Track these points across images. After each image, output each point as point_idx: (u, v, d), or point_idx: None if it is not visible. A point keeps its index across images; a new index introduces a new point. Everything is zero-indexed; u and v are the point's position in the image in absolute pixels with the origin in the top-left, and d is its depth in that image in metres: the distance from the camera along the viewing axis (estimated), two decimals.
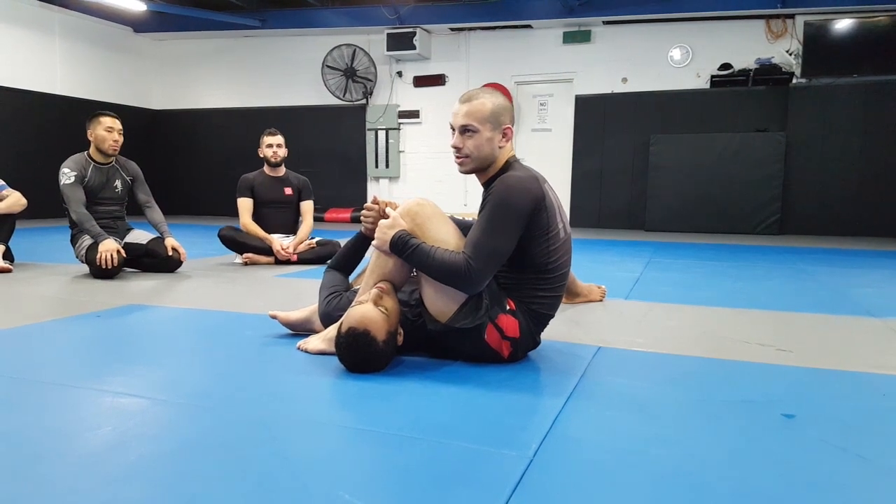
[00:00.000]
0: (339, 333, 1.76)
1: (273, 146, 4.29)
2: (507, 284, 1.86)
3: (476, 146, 1.83)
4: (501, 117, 1.83)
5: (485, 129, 1.81)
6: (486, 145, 1.83)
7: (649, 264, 4.39)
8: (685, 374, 1.81)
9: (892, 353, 2.09)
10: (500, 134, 1.83)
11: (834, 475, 1.17)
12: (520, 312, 1.82)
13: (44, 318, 2.48)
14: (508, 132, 1.85)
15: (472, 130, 1.82)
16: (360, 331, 1.71)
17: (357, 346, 1.72)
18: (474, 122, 1.82)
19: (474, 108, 1.82)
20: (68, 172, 3.55)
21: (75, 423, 1.38)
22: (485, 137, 1.82)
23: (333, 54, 9.07)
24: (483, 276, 1.72)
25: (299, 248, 4.20)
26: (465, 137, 1.84)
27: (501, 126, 1.83)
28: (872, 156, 7.27)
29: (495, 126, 1.82)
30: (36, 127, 8.36)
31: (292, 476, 1.13)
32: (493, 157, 1.85)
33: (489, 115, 1.81)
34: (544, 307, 1.86)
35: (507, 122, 1.84)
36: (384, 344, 1.73)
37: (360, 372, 1.75)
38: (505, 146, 1.86)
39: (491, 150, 1.84)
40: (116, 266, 3.40)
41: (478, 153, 1.84)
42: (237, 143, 9.63)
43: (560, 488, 1.10)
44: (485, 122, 1.81)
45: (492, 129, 1.82)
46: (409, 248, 1.76)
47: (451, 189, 8.77)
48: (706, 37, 7.77)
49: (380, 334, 1.72)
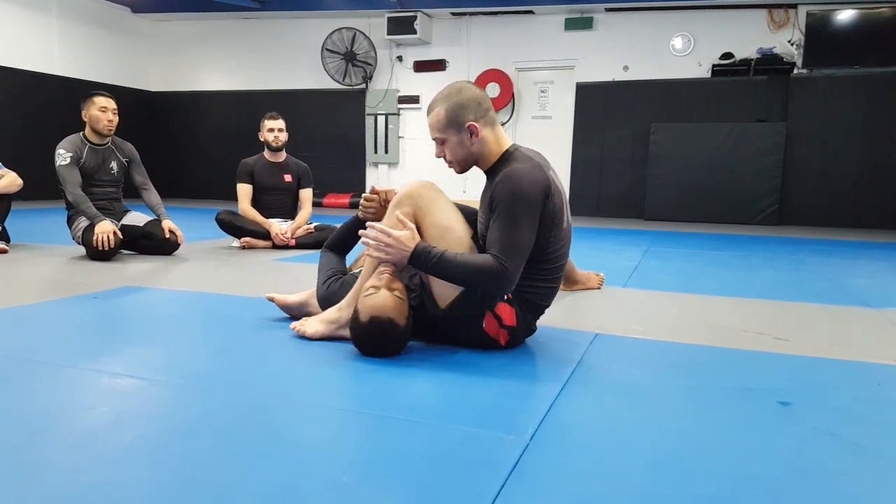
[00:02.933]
0: (358, 323, 1.74)
1: (274, 130, 4.26)
2: None
3: (451, 152, 1.84)
4: (460, 118, 1.78)
5: (450, 136, 1.81)
6: (459, 149, 1.82)
7: (648, 253, 4.39)
8: (682, 362, 1.82)
9: (887, 342, 2.10)
10: (467, 133, 1.79)
11: (829, 462, 1.18)
12: (516, 301, 1.82)
13: (40, 299, 2.47)
14: (473, 128, 1.78)
15: (441, 140, 1.83)
16: (385, 319, 1.70)
17: (381, 333, 1.71)
18: (437, 133, 1.83)
19: (433, 121, 1.83)
20: (63, 154, 3.52)
21: (72, 404, 1.38)
22: (454, 142, 1.82)
23: (333, 37, 8.99)
24: (517, 272, 1.70)
25: (297, 232, 4.19)
26: (440, 147, 1.86)
27: (464, 125, 1.78)
28: (872, 147, 7.26)
29: (458, 129, 1.80)
30: (32, 107, 8.30)
31: (290, 458, 1.13)
32: (475, 155, 1.83)
33: (446, 121, 1.80)
34: (538, 297, 1.85)
35: (470, 118, 1.78)
36: (405, 328, 1.74)
37: (379, 356, 1.75)
38: (479, 141, 1.80)
39: (467, 151, 1.82)
40: (113, 248, 3.38)
41: (456, 157, 1.85)
42: (235, 126, 9.58)
43: (556, 472, 1.10)
44: (446, 130, 1.81)
45: (456, 132, 1.80)
46: (431, 258, 1.70)
47: (450, 176, 8.73)
48: (708, 25, 7.72)
49: (401, 319, 1.72)
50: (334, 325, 1.91)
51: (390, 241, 1.72)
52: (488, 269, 1.67)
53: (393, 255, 1.73)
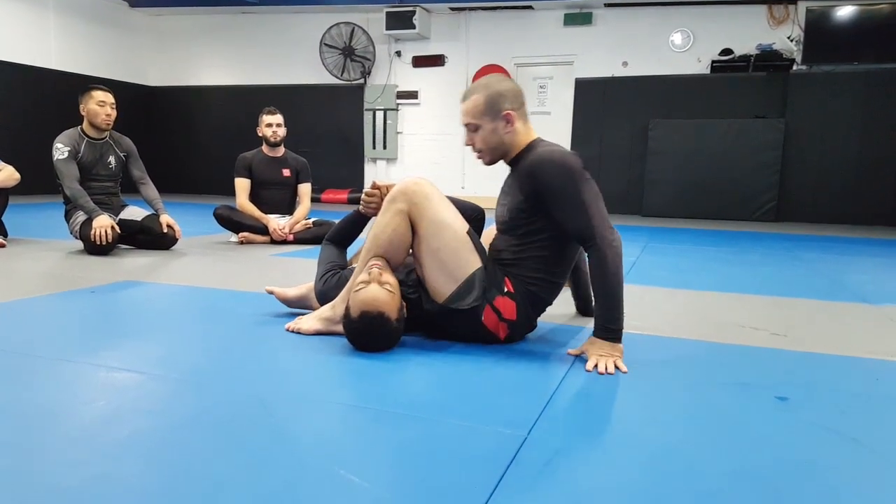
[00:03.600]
0: (350, 319, 1.74)
1: (273, 125, 4.24)
2: (511, 261, 1.84)
3: (483, 140, 1.86)
4: (498, 105, 1.81)
5: (485, 123, 1.83)
6: (492, 137, 1.84)
7: (646, 249, 4.39)
8: (679, 357, 1.82)
9: (886, 338, 2.10)
10: (503, 121, 1.83)
11: (826, 457, 1.18)
12: (518, 294, 1.82)
13: (37, 294, 2.47)
14: (510, 117, 1.82)
15: (474, 126, 1.85)
16: (375, 314, 1.70)
17: (372, 328, 1.71)
18: (472, 118, 1.84)
19: (469, 106, 1.84)
20: (61, 148, 3.51)
21: (69, 398, 1.38)
22: (488, 130, 1.84)
23: (332, 32, 8.97)
24: (612, 232, 1.73)
25: (296, 227, 4.18)
26: (472, 134, 1.87)
27: (501, 113, 1.82)
28: (871, 144, 7.26)
29: (494, 116, 1.82)
30: (30, 102, 8.27)
31: (288, 452, 1.13)
32: (505, 145, 1.86)
33: (484, 108, 1.82)
34: (544, 290, 1.85)
35: (507, 106, 1.81)
36: (397, 322, 1.74)
37: (373, 351, 1.75)
38: (512, 130, 1.84)
39: (499, 140, 1.85)
40: (111, 242, 3.38)
41: (486, 146, 1.87)
42: (233, 120, 9.56)
43: (554, 466, 1.10)
44: (482, 116, 1.83)
45: (491, 120, 1.83)
46: (617, 312, 1.70)
47: (449, 171, 8.75)
48: (708, 21, 7.71)
49: (392, 313, 1.72)
50: (329, 321, 1.91)
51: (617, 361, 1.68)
52: (613, 256, 1.69)
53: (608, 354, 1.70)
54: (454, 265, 1.77)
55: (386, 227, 1.83)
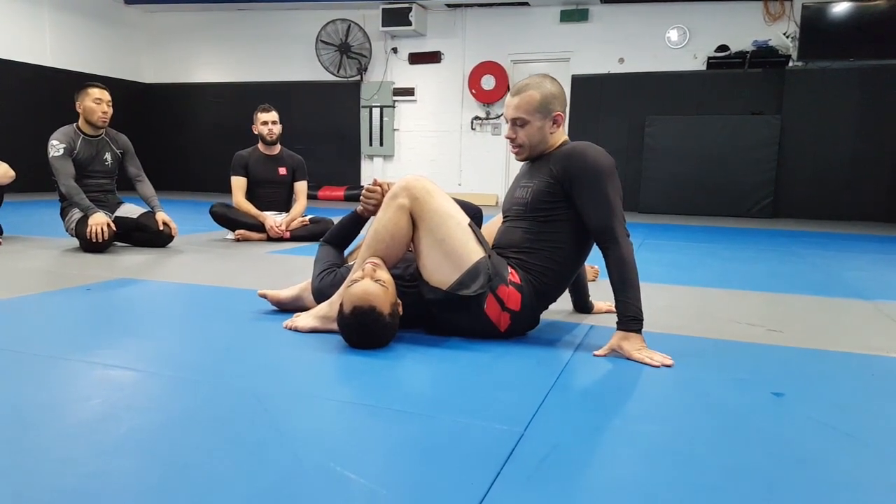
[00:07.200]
0: (342, 314, 1.74)
1: (268, 123, 4.23)
2: (524, 249, 1.88)
3: (528, 135, 1.91)
4: (550, 105, 1.88)
5: (535, 119, 1.89)
6: (537, 134, 1.91)
7: (642, 245, 4.40)
8: (676, 353, 1.82)
9: (881, 334, 2.11)
10: (551, 121, 1.89)
11: (822, 452, 1.18)
12: (525, 284, 1.83)
13: (33, 291, 2.46)
14: (559, 118, 1.90)
15: (522, 122, 1.89)
16: (366, 308, 1.70)
17: (365, 323, 1.71)
18: (524, 114, 1.89)
19: (523, 101, 1.88)
20: (57, 145, 3.49)
21: (65, 395, 1.38)
22: (535, 127, 1.89)
23: (328, 29, 8.94)
24: (625, 231, 1.81)
25: (292, 225, 4.18)
26: (517, 128, 1.91)
27: (552, 113, 1.88)
28: (867, 140, 7.28)
29: (545, 115, 1.88)
30: (24, 99, 8.23)
31: (284, 448, 1.13)
32: (545, 144, 1.93)
33: (538, 105, 1.88)
34: (551, 283, 1.88)
35: (558, 108, 1.89)
36: (390, 317, 1.73)
37: (367, 348, 1.75)
38: (557, 131, 1.92)
39: (542, 138, 1.91)
40: (107, 240, 3.37)
41: (530, 142, 1.92)
42: (230, 117, 9.53)
43: (550, 462, 1.10)
44: (534, 113, 1.88)
45: (542, 118, 1.89)
46: (635, 300, 1.74)
47: (446, 168, 8.74)
48: (704, 18, 7.71)
49: (385, 308, 1.72)
50: (326, 319, 1.91)
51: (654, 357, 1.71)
52: (631, 250, 1.78)
53: (633, 347, 1.73)
54: (459, 253, 1.79)
55: (388, 223, 1.83)
